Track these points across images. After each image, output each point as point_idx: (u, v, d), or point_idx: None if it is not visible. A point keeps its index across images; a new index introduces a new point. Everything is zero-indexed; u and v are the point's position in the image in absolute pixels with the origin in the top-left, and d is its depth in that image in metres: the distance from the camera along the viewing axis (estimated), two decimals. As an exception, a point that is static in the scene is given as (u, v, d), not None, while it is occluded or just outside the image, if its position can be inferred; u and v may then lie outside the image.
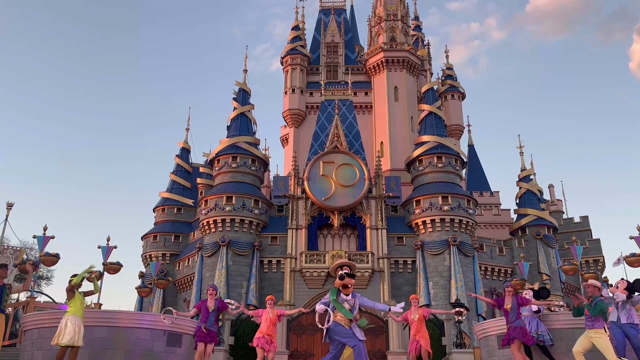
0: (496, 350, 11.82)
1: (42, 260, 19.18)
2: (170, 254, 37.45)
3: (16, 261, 20.24)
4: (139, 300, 35.42)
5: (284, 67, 45.11)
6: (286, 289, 31.44)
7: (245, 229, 32.96)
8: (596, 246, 40.75)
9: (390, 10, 45.29)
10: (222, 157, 35.17)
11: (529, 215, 36.97)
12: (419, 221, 33.11)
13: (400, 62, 43.45)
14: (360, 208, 33.17)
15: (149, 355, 11.69)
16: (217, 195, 33.47)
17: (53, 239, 19.75)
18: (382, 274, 31.65)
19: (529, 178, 39.08)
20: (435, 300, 30.74)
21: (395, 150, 40.91)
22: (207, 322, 10.88)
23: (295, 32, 45.52)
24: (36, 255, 27.28)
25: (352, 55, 46.69)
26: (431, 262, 32.06)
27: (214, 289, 11.30)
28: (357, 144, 36.10)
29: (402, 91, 42.89)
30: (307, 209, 33.20)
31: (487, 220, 41.67)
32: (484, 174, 46.81)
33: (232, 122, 36.82)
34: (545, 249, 35.92)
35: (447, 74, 46.28)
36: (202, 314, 11.02)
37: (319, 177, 33.32)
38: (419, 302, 12.28)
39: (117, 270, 20.31)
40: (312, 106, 43.26)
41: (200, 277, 32.64)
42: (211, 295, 11.17)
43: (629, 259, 19.07)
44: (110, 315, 11.95)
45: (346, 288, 8.05)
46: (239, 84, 38.20)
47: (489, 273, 34.35)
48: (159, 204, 39.81)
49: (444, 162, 34.55)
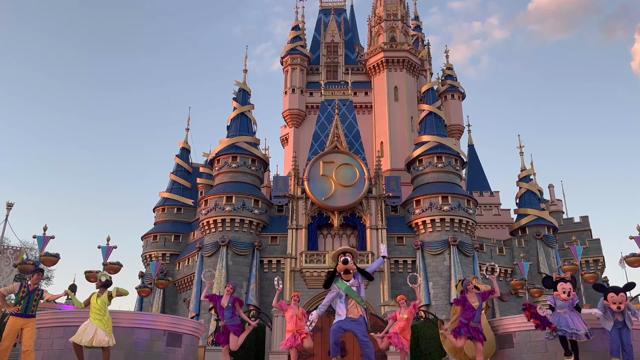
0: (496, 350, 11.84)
1: (42, 260, 19.18)
2: (170, 254, 37.45)
3: (16, 261, 20.23)
4: (139, 300, 35.42)
5: (284, 67, 45.12)
6: (286, 289, 31.42)
7: (245, 229, 32.96)
8: (596, 246, 40.69)
9: (390, 10, 45.28)
10: (222, 157, 35.17)
11: (529, 215, 36.98)
12: (419, 221, 33.12)
13: (400, 62, 43.46)
14: (360, 208, 33.17)
15: (149, 355, 11.68)
16: (217, 195, 33.48)
17: (53, 239, 19.74)
18: (382, 274, 31.66)
19: (529, 178, 39.09)
20: (435, 300, 30.76)
21: (395, 150, 40.91)
22: (224, 319, 11.08)
23: (295, 32, 45.54)
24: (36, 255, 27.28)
25: (352, 55, 46.70)
26: (431, 262, 32.07)
27: (233, 288, 11.40)
28: (357, 144, 36.11)
29: (402, 91, 42.89)
30: (307, 209, 33.20)
31: (487, 220, 41.66)
32: (484, 174, 46.80)
33: (232, 122, 36.83)
34: (545, 249, 35.93)
35: (447, 74, 46.28)
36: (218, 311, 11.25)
37: (319, 177, 33.32)
38: (406, 302, 12.28)
39: (117, 270, 20.30)
40: (312, 106, 43.27)
41: (200, 277, 32.64)
42: (228, 292, 11.28)
43: (629, 259, 19.07)
44: (110, 315, 11.93)
45: (347, 273, 8.11)
46: (239, 84, 38.22)
47: (489, 273, 34.28)
48: (159, 204, 39.82)
49: (444, 162, 34.56)
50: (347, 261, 8.08)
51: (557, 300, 10.00)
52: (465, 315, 10.51)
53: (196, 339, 13.26)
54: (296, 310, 11.22)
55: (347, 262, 8.08)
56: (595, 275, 22.71)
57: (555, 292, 10.09)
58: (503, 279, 34.41)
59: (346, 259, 8.10)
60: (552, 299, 10.11)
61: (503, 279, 34.41)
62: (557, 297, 10.04)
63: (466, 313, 10.52)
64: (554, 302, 10.03)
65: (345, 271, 8.11)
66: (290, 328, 11.00)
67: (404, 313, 12.02)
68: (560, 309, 9.92)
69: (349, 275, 8.12)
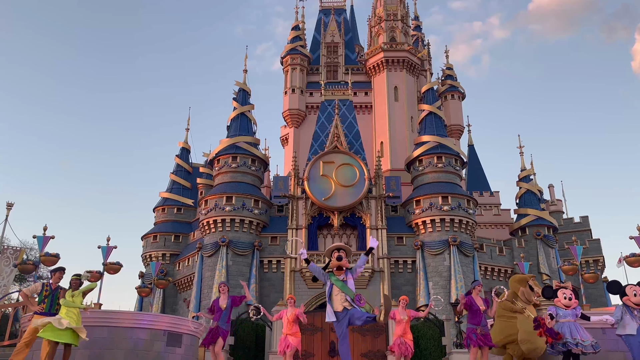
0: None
1: (42, 260, 19.13)
2: (170, 254, 37.46)
3: (16, 261, 20.22)
4: (139, 300, 35.45)
5: (284, 67, 45.13)
6: (286, 289, 31.43)
7: (245, 229, 32.96)
8: (596, 246, 40.73)
9: (390, 10, 45.30)
10: (222, 157, 35.18)
11: (529, 215, 36.99)
12: (419, 221, 33.12)
13: (400, 62, 43.47)
14: (360, 208, 33.18)
15: (148, 355, 11.69)
16: (217, 195, 33.49)
17: (53, 239, 19.70)
18: (382, 274, 31.66)
19: (529, 178, 39.11)
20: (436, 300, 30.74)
21: (395, 150, 40.92)
22: (219, 320, 10.77)
23: (295, 32, 45.55)
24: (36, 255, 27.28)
25: (352, 55, 46.71)
26: (431, 262, 32.08)
27: (226, 286, 11.17)
28: (357, 144, 36.12)
29: (402, 91, 42.90)
30: (307, 209, 33.21)
31: (487, 220, 41.68)
32: (484, 174, 46.85)
33: (232, 122, 36.84)
34: (545, 249, 35.94)
35: (447, 74, 46.32)
36: (215, 313, 10.93)
37: (319, 177, 33.32)
38: (407, 303, 12.30)
39: (117, 271, 20.21)
40: (312, 106, 43.29)
41: (200, 277, 32.66)
42: (223, 293, 11.04)
43: (629, 259, 19.03)
44: (110, 315, 11.96)
45: (340, 270, 8.14)
46: (239, 84, 38.24)
47: (489, 273, 34.36)
48: (159, 204, 39.83)
49: (444, 162, 34.58)
50: (341, 258, 8.13)
51: (559, 310, 9.24)
52: (474, 321, 10.31)
53: (196, 339, 13.27)
54: (289, 312, 11.25)
55: (342, 259, 8.12)
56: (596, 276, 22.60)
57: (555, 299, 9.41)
58: (503, 279, 34.45)
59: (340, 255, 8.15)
60: (553, 309, 9.27)
61: (503, 279, 34.45)
62: (557, 304, 9.33)
63: (474, 317, 10.32)
64: (556, 312, 9.19)
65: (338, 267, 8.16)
66: (285, 330, 11.09)
67: (403, 314, 12.04)
68: (564, 318, 9.14)
69: (340, 272, 8.17)
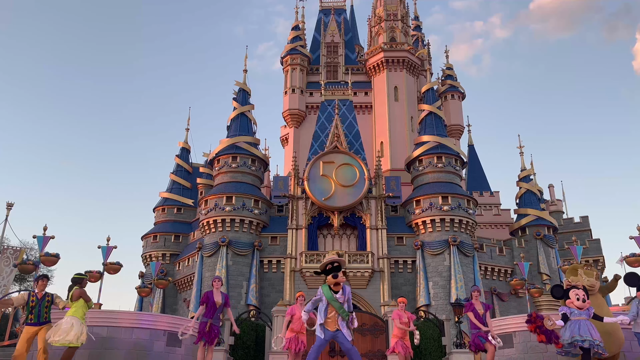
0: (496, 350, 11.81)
1: (42, 260, 19.19)
2: (170, 254, 37.46)
3: (16, 261, 20.23)
4: (139, 300, 35.43)
5: (284, 67, 45.13)
6: (286, 289, 31.44)
7: (245, 229, 32.96)
8: (596, 246, 40.71)
9: (390, 10, 45.31)
10: (222, 157, 35.18)
11: (529, 215, 36.98)
12: (419, 221, 33.12)
13: (400, 62, 43.47)
14: (360, 208, 33.18)
15: (149, 355, 11.69)
16: (217, 195, 33.48)
17: (53, 239, 19.76)
18: (382, 274, 31.66)
19: (529, 178, 39.09)
20: (435, 300, 30.76)
21: (395, 150, 40.92)
22: (213, 317, 10.43)
23: (295, 32, 45.55)
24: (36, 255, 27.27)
25: (352, 55, 46.72)
26: (431, 262, 32.07)
27: (220, 281, 10.76)
28: (357, 144, 36.12)
29: (402, 91, 42.90)
30: (307, 209, 33.21)
31: (487, 220, 41.68)
32: (484, 174, 46.83)
33: (232, 122, 36.83)
34: (545, 249, 35.93)
35: (447, 74, 46.34)
36: (208, 309, 10.46)
37: (319, 177, 33.33)
38: (405, 305, 12.30)
39: (117, 270, 20.27)
40: (312, 106, 43.29)
41: (200, 277, 32.64)
42: (217, 289, 10.65)
43: (629, 259, 19.05)
44: (110, 315, 11.97)
45: (337, 285, 8.12)
46: (239, 84, 38.23)
47: (489, 273, 34.35)
48: (159, 204, 39.83)
49: (444, 162, 34.57)
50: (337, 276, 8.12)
51: (572, 310, 9.03)
52: (475, 325, 10.36)
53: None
54: (301, 310, 11.19)
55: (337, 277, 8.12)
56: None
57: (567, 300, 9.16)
58: (503, 279, 34.45)
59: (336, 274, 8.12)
60: (565, 309, 9.11)
61: (503, 279, 34.45)
62: (570, 305, 9.08)
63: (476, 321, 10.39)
64: (569, 312, 9.02)
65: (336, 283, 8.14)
66: (295, 328, 10.87)
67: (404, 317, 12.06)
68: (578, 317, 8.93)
69: (338, 287, 8.14)
